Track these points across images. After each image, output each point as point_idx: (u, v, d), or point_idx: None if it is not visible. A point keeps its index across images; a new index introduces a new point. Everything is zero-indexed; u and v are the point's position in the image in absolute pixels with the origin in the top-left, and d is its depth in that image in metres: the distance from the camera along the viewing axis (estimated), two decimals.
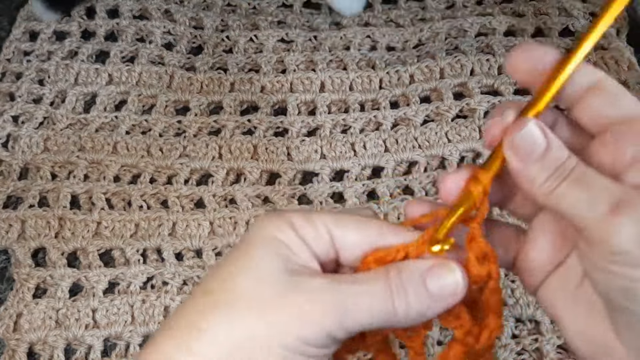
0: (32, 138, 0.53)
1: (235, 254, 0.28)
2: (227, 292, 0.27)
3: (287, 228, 0.28)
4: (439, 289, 0.27)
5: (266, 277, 0.27)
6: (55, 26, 0.59)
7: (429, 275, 0.27)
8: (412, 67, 0.55)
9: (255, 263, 0.27)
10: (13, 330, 0.44)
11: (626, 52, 0.55)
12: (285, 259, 0.27)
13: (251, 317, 0.26)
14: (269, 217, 0.29)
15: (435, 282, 0.27)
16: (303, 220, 0.28)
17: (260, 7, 0.60)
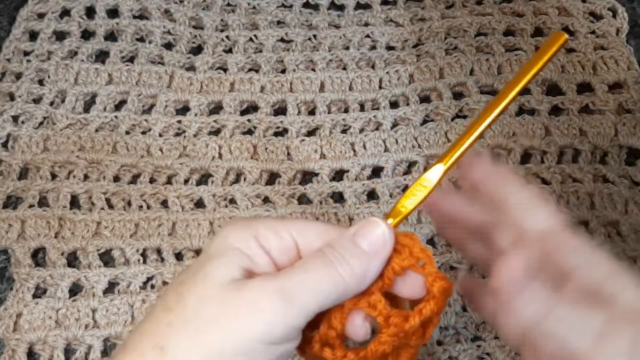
0: (31, 138, 0.53)
1: (195, 265, 0.29)
2: (182, 309, 0.27)
3: (249, 238, 0.29)
4: (370, 244, 0.29)
5: (215, 290, 0.27)
6: (55, 26, 0.59)
7: (357, 236, 0.29)
8: (411, 66, 0.55)
9: (207, 275, 0.28)
10: (13, 330, 0.44)
11: (626, 51, 0.55)
12: (241, 267, 0.28)
13: (205, 335, 0.26)
14: (233, 227, 0.29)
15: (365, 239, 0.29)
16: (269, 231, 0.29)
17: (259, 6, 0.60)
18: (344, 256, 0.28)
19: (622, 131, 0.51)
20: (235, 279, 0.27)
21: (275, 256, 0.29)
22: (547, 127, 0.51)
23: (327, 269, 0.28)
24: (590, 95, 0.53)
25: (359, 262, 0.28)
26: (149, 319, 0.28)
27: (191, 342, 0.26)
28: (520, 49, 0.55)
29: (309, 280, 0.27)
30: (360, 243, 0.29)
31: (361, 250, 0.28)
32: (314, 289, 0.27)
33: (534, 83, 0.53)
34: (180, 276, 0.29)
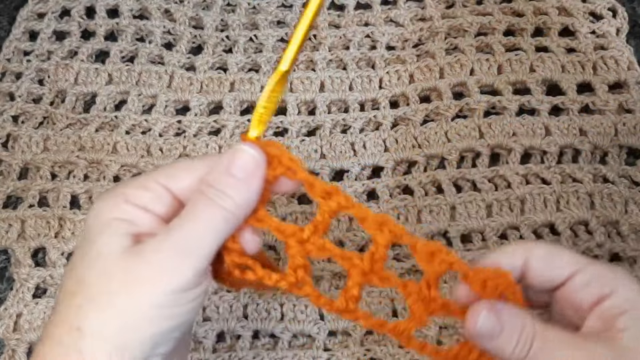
0: (31, 138, 0.53)
1: (81, 249, 0.29)
2: (86, 288, 0.28)
3: (121, 203, 0.29)
4: (244, 170, 0.29)
5: (112, 263, 0.28)
6: (55, 26, 0.59)
7: (231, 167, 0.29)
8: (411, 66, 0.55)
9: (99, 252, 0.28)
10: (13, 330, 0.44)
11: (626, 51, 0.55)
12: (128, 234, 0.29)
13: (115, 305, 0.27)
14: (103, 199, 0.30)
15: (237, 167, 0.29)
16: (136, 189, 0.30)
17: (260, 6, 0.60)
18: (225, 191, 0.29)
19: (622, 131, 0.51)
20: (127, 246, 0.28)
21: (153, 209, 0.30)
22: (547, 127, 0.51)
23: (213, 209, 0.29)
24: (591, 95, 0.53)
25: (239, 192, 0.29)
26: (56, 310, 0.28)
27: (105, 314, 0.27)
28: (520, 49, 0.55)
29: (201, 227, 0.28)
30: (235, 172, 0.29)
31: (237, 179, 0.29)
32: (207, 233, 0.28)
33: (535, 82, 0.53)
34: (71, 262, 0.29)
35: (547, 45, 0.56)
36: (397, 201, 0.49)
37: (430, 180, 0.50)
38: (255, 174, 0.30)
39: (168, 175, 0.30)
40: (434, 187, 0.50)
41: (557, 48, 0.55)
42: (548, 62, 0.54)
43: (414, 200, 0.49)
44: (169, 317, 0.28)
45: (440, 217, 0.48)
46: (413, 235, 0.31)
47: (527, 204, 0.48)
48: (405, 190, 0.50)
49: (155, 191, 0.30)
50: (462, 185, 0.50)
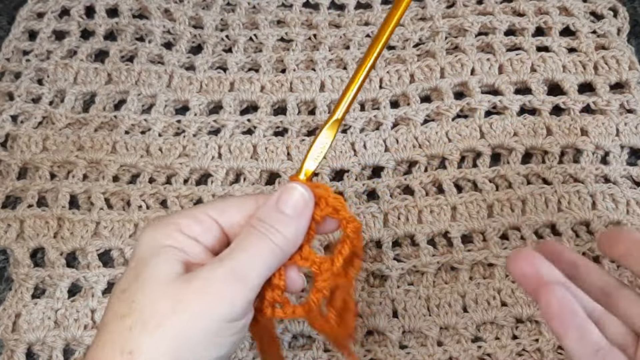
0: (31, 137, 0.52)
1: (133, 271, 0.30)
2: (138, 312, 0.28)
3: (174, 232, 0.30)
4: (294, 208, 0.31)
5: (165, 286, 0.29)
6: (54, 25, 0.59)
7: (280, 204, 0.31)
8: (412, 66, 0.55)
9: (151, 276, 0.29)
10: (12, 331, 0.44)
11: (627, 51, 0.54)
12: (179, 261, 0.30)
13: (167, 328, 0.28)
14: (156, 226, 0.31)
15: (288, 205, 0.31)
16: (189, 220, 0.31)
17: (259, 6, 0.60)
18: (275, 226, 0.30)
19: (623, 131, 0.51)
20: (179, 273, 0.29)
21: (203, 241, 0.31)
22: (549, 127, 0.51)
23: (263, 242, 0.30)
24: (592, 95, 0.53)
25: (288, 228, 0.31)
26: (106, 331, 0.29)
27: (156, 337, 0.27)
28: (521, 49, 0.55)
29: (251, 259, 0.30)
30: (284, 209, 0.31)
31: (286, 216, 0.31)
32: (257, 265, 0.30)
33: (536, 82, 0.53)
34: (121, 284, 0.30)
35: (548, 45, 0.55)
36: (398, 201, 0.49)
37: (431, 180, 0.50)
38: (304, 211, 0.31)
39: (219, 210, 0.32)
40: (434, 187, 0.50)
41: (558, 48, 0.55)
42: (549, 62, 0.54)
43: (414, 201, 0.48)
44: (217, 345, 0.29)
45: (441, 217, 0.48)
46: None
47: (529, 204, 0.48)
48: (406, 190, 0.50)
49: (206, 224, 0.31)
50: (463, 186, 0.50)
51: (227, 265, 0.29)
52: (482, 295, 0.45)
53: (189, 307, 0.28)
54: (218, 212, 0.32)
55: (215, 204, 0.33)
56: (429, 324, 0.44)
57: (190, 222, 0.31)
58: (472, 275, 0.46)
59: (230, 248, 0.30)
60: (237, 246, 0.30)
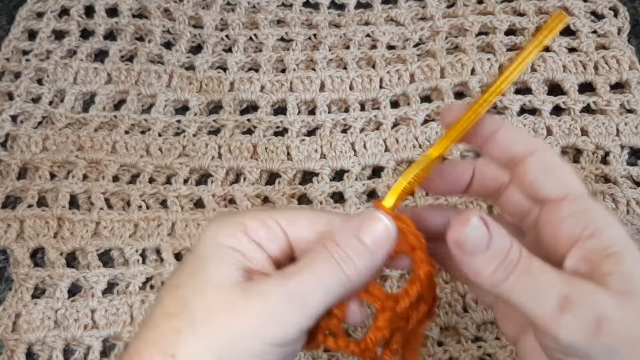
0: (30, 137, 0.52)
1: (190, 268, 0.28)
2: (189, 315, 0.27)
3: (239, 233, 0.28)
4: (374, 240, 0.28)
5: (221, 293, 0.27)
6: (54, 25, 0.59)
7: (361, 232, 0.28)
8: (412, 66, 0.55)
9: (209, 278, 0.27)
10: (12, 331, 0.44)
11: (627, 51, 0.54)
12: (239, 266, 0.28)
13: (215, 338, 0.26)
14: (221, 223, 0.29)
15: (369, 236, 0.28)
16: (256, 222, 0.29)
17: (259, 5, 0.60)
18: (350, 255, 0.28)
19: (624, 131, 0.51)
20: (238, 280, 0.27)
21: (267, 248, 0.29)
22: (549, 127, 0.51)
23: (334, 270, 0.27)
24: (592, 95, 0.53)
25: (364, 261, 0.28)
26: (151, 326, 0.27)
27: (201, 347, 0.26)
28: (522, 49, 0.55)
29: (316, 284, 0.27)
30: (365, 239, 0.28)
31: (365, 247, 0.28)
32: (322, 292, 0.27)
33: (536, 82, 0.53)
34: (175, 278, 0.28)
35: (549, 45, 0.55)
36: None
37: None
38: (384, 246, 0.29)
39: (289, 220, 0.29)
40: None
41: (559, 48, 0.55)
42: (549, 61, 0.54)
43: (414, 201, 0.48)
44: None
45: None
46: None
47: None
48: None
49: (273, 231, 0.29)
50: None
51: (290, 287, 0.27)
52: None
53: (241, 324, 0.26)
54: (287, 221, 0.29)
55: (286, 211, 0.30)
56: (429, 324, 0.44)
57: (257, 226, 0.29)
58: None
59: (298, 266, 0.28)
60: (305, 267, 0.28)
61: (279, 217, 0.29)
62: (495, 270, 0.26)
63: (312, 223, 0.29)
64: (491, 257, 0.26)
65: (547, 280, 0.26)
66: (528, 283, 0.26)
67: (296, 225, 0.29)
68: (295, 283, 0.27)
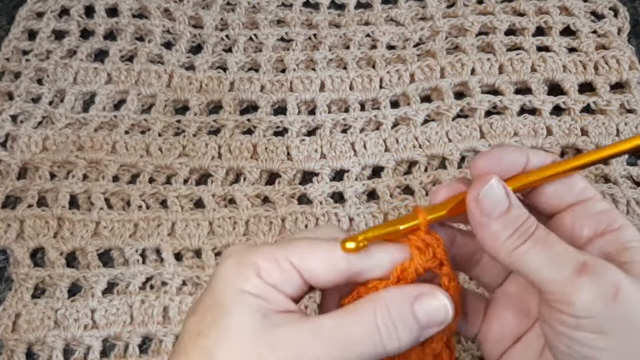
0: (30, 137, 0.52)
1: (210, 314, 0.27)
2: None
3: (253, 276, 0.27)
4: (429, 320, 0.27)
5: (244, 344, 0.26)
6: (54, 25, 0.59)
7: (417, 305, 0.27)
8: (412, 66, 0.55)
9: (230, 328, 0.26)
10: (12, 331, 0.44)
11: (627, 51, 0.54)
12: (261, 312, 0.27)
13: None
14: (234, 265, 0.28)
15: (424, 311, 0.27)
16: (268, 263, 0.28)
17: (259, 5, 0.60)
18: (397, 326, 0.26)
19: (624, 131, 0.51)
20: (262, 326, 0.26)
21: (283, 289, 0.28)
22: (549, 127, 0.51)
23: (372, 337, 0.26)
24: (592, 95, 0.53)
25: (409, 336, 0.27)
26: None
27: None
28: (522, 48, 0.55)
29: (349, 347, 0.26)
30: (418, 313, 0.27)
31: (417, 323, 0.27)
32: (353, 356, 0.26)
33: (536, 82, 0.53)
34: (195, 325, 0.27)
35: (549, 45, 0.55)
36: (398, 201, 0.48)
37: (431, 181, 0.50)
38: (435, 328, 0.27)
39: (303, 259, 0.28)
40: (435, 187, 0.50)
41: (559, 48, 0.55)
42: (549, 61, 0.54)
43: (414, 201, 0.48)
44: None
45: None
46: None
47: None
48: (406, 190, 0.50)
49: (286, 272, 0.28)
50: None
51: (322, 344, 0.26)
52: None
53: None
54: (302, 261, 0.28)
55: (300, 249, 0.28)
56: None
57: (271, 268, 0.27)
58: None
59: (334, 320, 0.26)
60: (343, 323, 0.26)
61: (293, 256, 0.28)
62: (511, 235, 0.26)
63: (327, 260, 0.28)
64: (509, 221, 0.26)
65: (564, 248, 0.26)
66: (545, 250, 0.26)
67: (311, 265, 0.28)
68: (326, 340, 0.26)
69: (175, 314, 0.44)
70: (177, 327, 0.44)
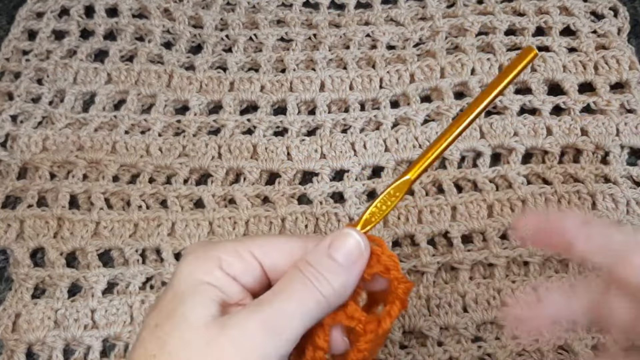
0: (30, 137, 0.52)
1: (167, 306, 0.28)
2: (167, 355, 0.27)
3: (214, 268, 0.28)
4: (346, 256, 0.29)
5: (198, 330, 0.27)
6: (54, 25, 0.59)
7: (332, 249, 0.28)
8: (412, 66, 0.55)
9: (186, 317, 0.27)
10: (12, 331, 0.44)
11: (627, 51, 0.54)
12: (216, 302, 0.28)
13: None
14: (196, 258, 0.29)
15: (340, 252, 0.29)
16: (230, 256, 0.29)
17: (259, 5, 0.60)
18: (323, 274, 0.28)
19: (623, 131, 0.51)
20: (214, 316, 0.27)
21: (243, 281, 0.29)
22: (549, 127, 0.51)
23: (308, 291, 0.28)
24: (592, 95, 0.53)
25: (338, 278, 0.28)
26: None
27: None
28: (522, 49, 0.55)
29: (293, 307, 0.27)
30: (336, 256, 0.28)
31: (338, 264, 0.28)
32: (298, 315, 0.27)
33: (536, 82, 0.53)
34: (154, 318, 0.28)
35: (549, 45, 0.55)
36: None
37: (431, 180, 0.50)
38: (358, 262, 0.29)
39: (264, 250, 0.30)
40: (434, 187, 0.50)
41: (559, 48, 0.55)
42: (549, 61, 0.54)
43: (414, 201, 0.48)
44: None
45: (441, 218, 0.48)
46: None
47: (529, 204, 0.48)
48: None
49: (248, 263, 0.29)
50: (463, 186, 0.50)
51: (266, 313, 0.27)
52: (482, 295, 0.45)
53: (220, 357, 0.26)
54: (262, 252, 0.29)
55: (261, 242, 0.30)
56: (429, 324, 0.44)
57: (232, 260, 0.29)
58: (472, 275, 0.46)
59: (272, 291, 0.28)
60: (279, 292, 0.28)
61: (252, 247, 0.29)
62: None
63: (286, 252, 0.29)
64: None
65: None
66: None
67: (271, 255, 0.29)
68: (270, 309, 0.27)
69: None
70: None
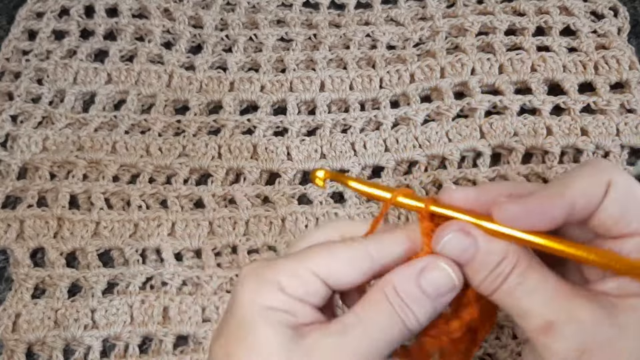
0: (30, 137, 0.52)
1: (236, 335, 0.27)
2: None
3: (276, 291, 0.27)
4: (437, 290, 0.27)
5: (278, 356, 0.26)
6: (54, 25, 0.59)
7: (423, 279, 0.27)
8: (412, 66, 0.55)
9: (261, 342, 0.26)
10: (12, 331, 0.44)
11: (627, 51, 0.54)
12: (287, 325, 0.26)
13: None
14: (255, 284, 0.27)
15: (431, 285, 0.27)
16: (289, 277, 0.27)
17: (259, 5, 0.60)
18: (410, 306, 0.27)
19: (624, 131, 0.51)
20: (289, 339, 0.26)
21: (309, 301, 0.27)
22: (549, 127, 0.51)
23: (394, 321, 0.27)
24: (592, 94, 0.53)
25: (425, 312, 0.27)
26: None
27: None
28: (522, 48, 0.55)
29: (377, 337, 0.26)
30: (427, 289, 0.27)
31: (427, 296, 0.27)
32: (382, 345, 0.27)
33: (536, 82, 0.53)
34: (222, 347, 0.27)
35: (549, 45, 0.55)
36: None
37: (431, 180, 0.50)
38: (447, 296, 0.27)
39: (324, 267, 0.27)
40: (435, 187, 0.50)
41: (559, 47, 0.55)
42: (549, 61, 0.54)
43: None
44: None
45: None
46: None
47: None
48: None
49: (310, 284, 0.27)
50: (463, 185, 0.50)
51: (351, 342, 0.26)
52: None
53: None
54: (325, 270, 0.27)
55: (319, 258, 0.28)
56: None
57: (293, 283, 0.27)
58: None
59: (357, 316, 0.27)
60: (365, 317, 0.26)
61: (315, 267, 0.27)
62: (485, 277, 0.27)
63: (349, 262, 0.28)
64: (478, 266, 0.27)
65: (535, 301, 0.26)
66: (512, 302, 0.26)
67: (334, 271, 0.28)
68: (353, 334, 0.26)
69: (175, 314, 0.44)
70: (177, 327, 0.44)
